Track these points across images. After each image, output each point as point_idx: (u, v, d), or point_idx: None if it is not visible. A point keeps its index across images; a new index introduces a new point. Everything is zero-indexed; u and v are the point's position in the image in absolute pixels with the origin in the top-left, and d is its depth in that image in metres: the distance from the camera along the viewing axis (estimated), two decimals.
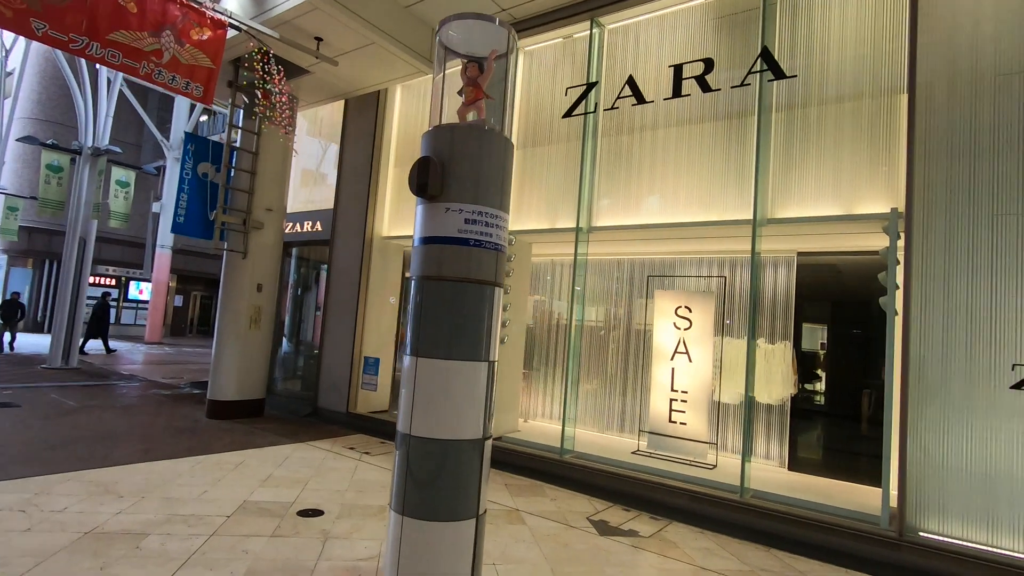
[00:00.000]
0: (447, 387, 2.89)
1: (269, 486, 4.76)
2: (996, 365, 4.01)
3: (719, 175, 5.47)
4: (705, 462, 5.86)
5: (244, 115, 7.53)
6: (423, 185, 2.91)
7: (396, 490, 2.94)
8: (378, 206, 8.11)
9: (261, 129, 7.27)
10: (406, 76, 7.32)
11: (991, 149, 4.16)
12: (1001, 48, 4.20)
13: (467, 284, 2.93)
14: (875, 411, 8.07)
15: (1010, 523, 3.89)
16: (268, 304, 7.81)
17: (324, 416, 8.03)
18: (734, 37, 5.52)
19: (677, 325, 6.29)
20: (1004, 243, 4.07)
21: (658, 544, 4.16)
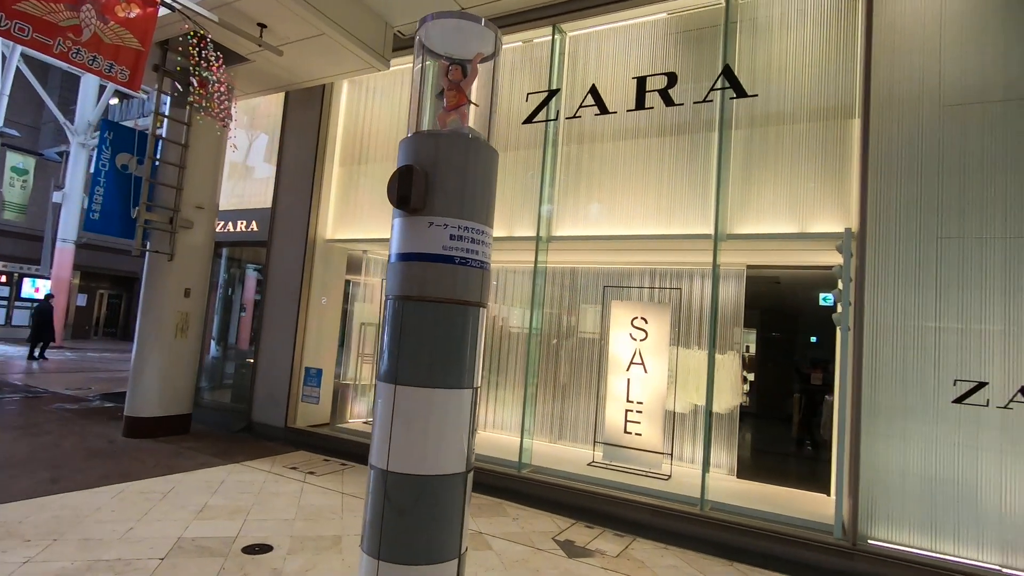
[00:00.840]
0: (431, 418, 2.66)
1: (206, 518, 4.30)
2: (940, 380, 4.24)
3: (680, 189, 5.51)
4: (660, 472, 5.89)
5: (172, 103, 6.86)
6: (405, 197, 2.67)
7: (370, 531, 2.67)
8: (322, 207, 7.63)
9: (192, 120, 6.63)
10: (356, 71, 6.92)
11: (936, 176, 4.40)
12: (946, 81, 4.46)
13: (452, 305, 2.71)
14: (818, 418, 8.48)
15: (953, 529, 4.12)
16: (197, 310, 7.16)
17: (259, 431, 7.46)
18: (696, 53, 5.58)
19: (633, 336, 6.30)
20: (947, 265, 4.31)
21: (627, 564, 4.09)
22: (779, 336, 11.30)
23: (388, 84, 7.48)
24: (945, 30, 4.50)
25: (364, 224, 7.47)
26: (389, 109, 7.43)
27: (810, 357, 9.64)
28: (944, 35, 4.49)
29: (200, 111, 5.98)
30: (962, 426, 4.14)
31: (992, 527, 4.02)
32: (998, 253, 4.17)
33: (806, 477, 6.70)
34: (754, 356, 11.45)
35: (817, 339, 10.89)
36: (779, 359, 10.80)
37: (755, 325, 10.80)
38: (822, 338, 9.98)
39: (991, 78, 4.32)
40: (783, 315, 10.95)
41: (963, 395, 4.16)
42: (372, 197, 7.40)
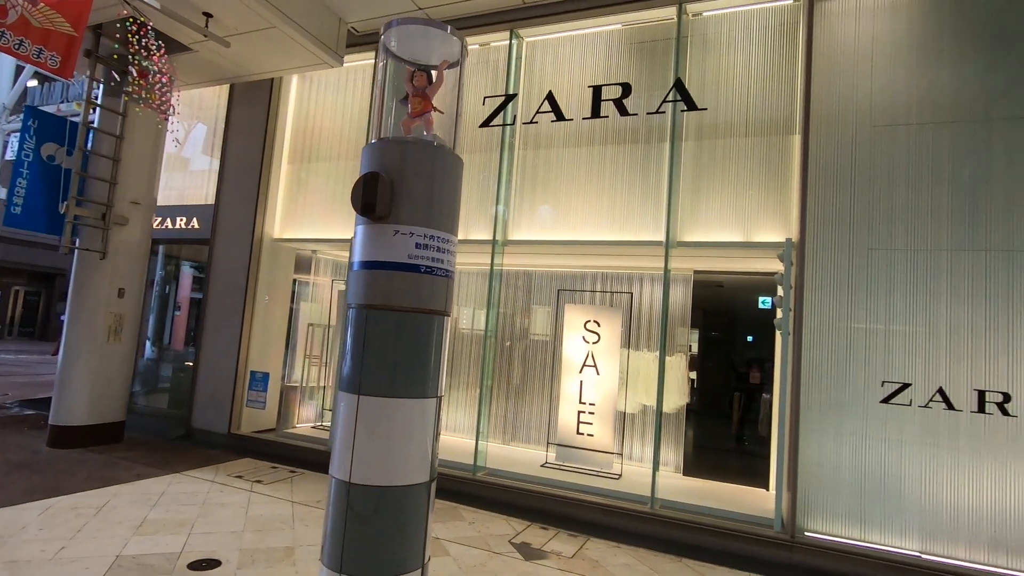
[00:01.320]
0: (395, 428, 2.64)
1: (146, 533, 4.08)
2: (869, 381, 4.57)
3: (633, 196, 5.67)
4: (611, 472, 6.04)
5: (105, 91, 6.44)
6: (370, 204, 2.63)
7: (331, 544, 2.63)
8: (269, 205, 7.37)
9: (129, 110, 6.26)
10: (307, 66, 6.72)
11: (867, 191, 4.73)
12: (875, 103, 4.79)
13: (418, 314, 2.69)
14: (756, 415, 8.91)
15: (880, 520, 4.44)
16: (132, 312, 6.76)
17: (200, 438, 7.14)
18: (649, 65, 5.75)
19: (586, 339, 6.43)
20: (875, 274, 4.64)
21: (582, 565, 4.18)
22: (720, 337, 11.78)
23: (340, 80, 7.31)
24: (875, 56, 4.83)
25: (313, 224, 7.27)
26: (342, 106, 7.26)
27: (748, 357, 10.12)
28: (875, 61, 4.83)
29: (139, 102, 5.65)
30: (889, 424, 4.47)
31: (913, 517, 4.36)
32: (920, 264, 4.52)
33: (747, 473, 7.02)
34: (696, 356, 11.91)
35: (755, 340, 11.42)
36: (720, 359, 11.28)
37: (698, 326, 11.23)
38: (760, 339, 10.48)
39: (914, 101, 4.68)
40: (724, 317, 11.42)
41: (889, 395, 4.49)
42: (323, 196, 7.22)
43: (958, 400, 4.32)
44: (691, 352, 7.62)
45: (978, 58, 4.54)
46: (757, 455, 8.32)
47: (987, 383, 4.26)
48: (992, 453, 4.20)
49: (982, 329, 4.32)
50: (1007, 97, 4.43)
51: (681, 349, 6.72)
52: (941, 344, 4.41)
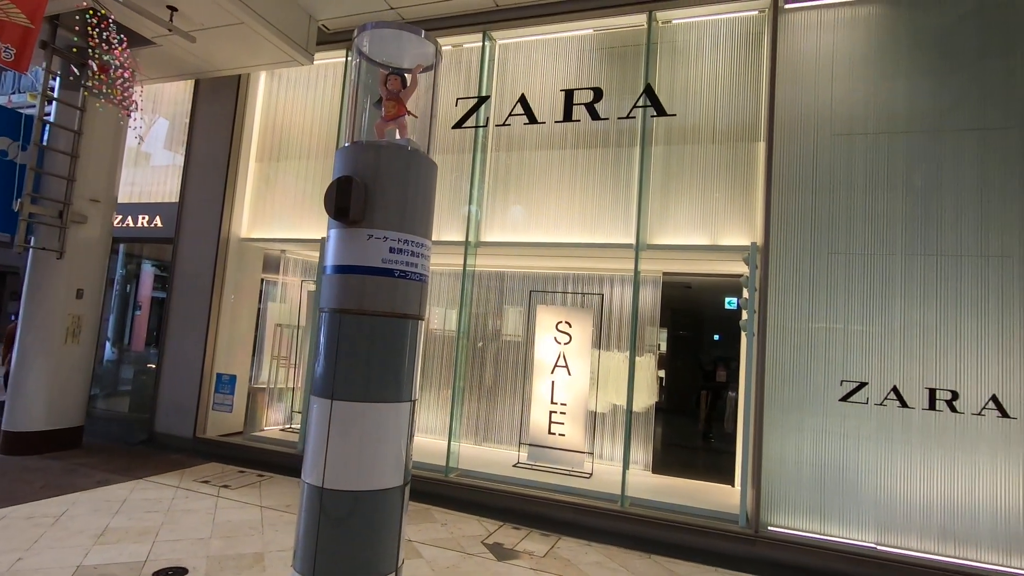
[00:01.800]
0: (369, 433, 2.64)
1: (109, 542, 3.97)
2: (829, 380, 4.75)
3: (604, 199, 5.76)
4: (582, 471, 6.12)
5: (62, 84, 6.21)
6: (343, 208, 2.63)
7: (303, 549, 2.61)
8: (236, 204, 7.22)
9: (88, 105, 6.05)
10: (276, 63, 6.61)
11: (828, 198, 4.91)
12: (835, 112, 4.98)
13: (391, 319, 2.70)
14: (721, 412, 9.13)
15: (838, 514, 4.62)
16: (91, 313, 6.55)
17: (163, 443, 6.95)
18: (620, 70, 5.84)
19: (558, 340, 6.50)
20: (835, 277, 4.83)
21: (554, 564, 4.24)
22: (688, 336, 12.02)
23: (310, 78, 7.21)
24: (836, 67, 5.01)
25: (282, 223, 7.15)
26: (312, 104, 7.16)
27: (715, 356, 10.36)
28: (835, 71, 5.01)
29: (100, 97, 5.46)
30: (847, 421, 4.66)
31: (869, 510, 4.55)
32: (877, 267, 4.72)
33: (714, 470, 7.20)
34: (665, 355, 12.14)
35: (721, 339, 11.67)
36: (688, 358, 11.52)
37: (667, 326, 11.46)
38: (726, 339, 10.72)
39: (872, 111, 4.87)
40: (692, 317, 11.66)
41: (848, 394, 4.68)
42: (292, 195, 7.11)
43: (911, 398, 4.52)
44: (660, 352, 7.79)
45: (930, 72, 4.76)
46: (723, 452, 8.54)
47: (937, 382, 4.48)
48: (942, 448, 4.42)
49: (933, 330, 4.53)
50: (956, 110, 4.65)
51: (651, 349, 6.85)
52: (895, 344, 4.61)
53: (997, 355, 4.37)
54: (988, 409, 4.34)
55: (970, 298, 4.47)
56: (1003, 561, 4.23)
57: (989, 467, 4.31)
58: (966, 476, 4.36)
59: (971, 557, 4.29)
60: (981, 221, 4.52)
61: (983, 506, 4.31)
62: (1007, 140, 4.52)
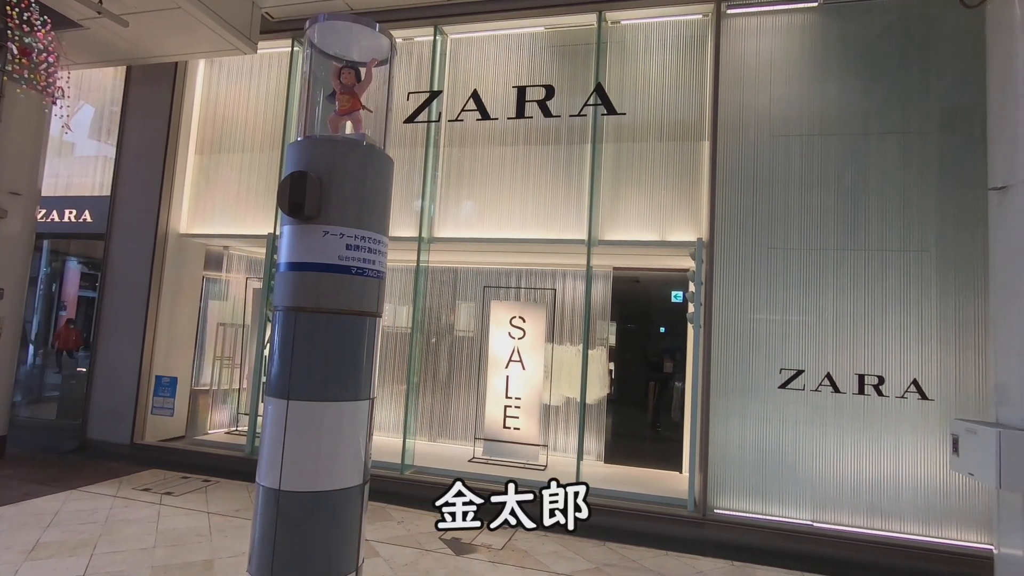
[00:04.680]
0: (326, 432, 2.61)
1: (41, 558, 3.73)
2: (770, 369, 5.01)
3: (558, 195, 5.84)
4: (537, 464, 6.21)
5: None
6: (298, 205, 2.57)
7: (259, 554, 2.56)
8: (175, 198, 6.88)
9: (7, 91, 5.61)
10: (217, 51, 6.32)
11: (766, 196, 5.16)
12: (773, 114, 5.23)
13: (349, 316, 2.66)
14: (668, 402, 9.41)
15: (778, 494, 4.89)
16: (13, 314, 6.10)
17: (98, 450, 6.57)
18: (571, 68, 5.92)
19: (512, 335, 6.56)
20: (773, 270, 5.09)
21: (512, 555, 4.30)
22: (636, 329, 12.33)
23: (253, 68, 6.95)
24: (774, 71, 5.27)
25: (225, 218, 6.88)
26: (256, 95, 6.91)
27: (661, 348, 10.68)
28: (773, 75, 5.27)
29: (21, 83, 5.07)
30: (786, 407, 4.93)
31: (806, 489, 4.84)
32: (811, 261, 5.01)
33: (662, 458, 7.44)
34: (615, 348, 12.42)
35: (667, 331, 12.05)
36: (636, 351, 11.82)
37: (616, 319, 11.71)
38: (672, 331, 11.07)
39: (806, 114, 5.16)
40: (640, 310, 11.97)
41: (786, 381, 4.95)
42: (235, 189, 6.85)
43: (843, 383, 4.84)
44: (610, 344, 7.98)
45: (858, 79, 5.08)
46: (671, 440, 8.84)
47: (866, 368, 4.81)
48: (870, 430, 4.75)
49: (862, 319, 4.86)
50: (881, 115, 4.99)
51: (602, 342, 7.01)
52: (829, 334, 4.92)
53: (918, 342, 4.74)
54: (910, 392, 4.70)
55: (894, 289, 4.82)
56: (924, 531, 4.60)
57: (911, 446, 4.67)
58: (891, 455, 4.71)
59: (896, 529, 4.64)
60: (903, 218, 4.87)
61: (906, 482, 4.67)
62: (925, 143, 4.88)
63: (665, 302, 10.05)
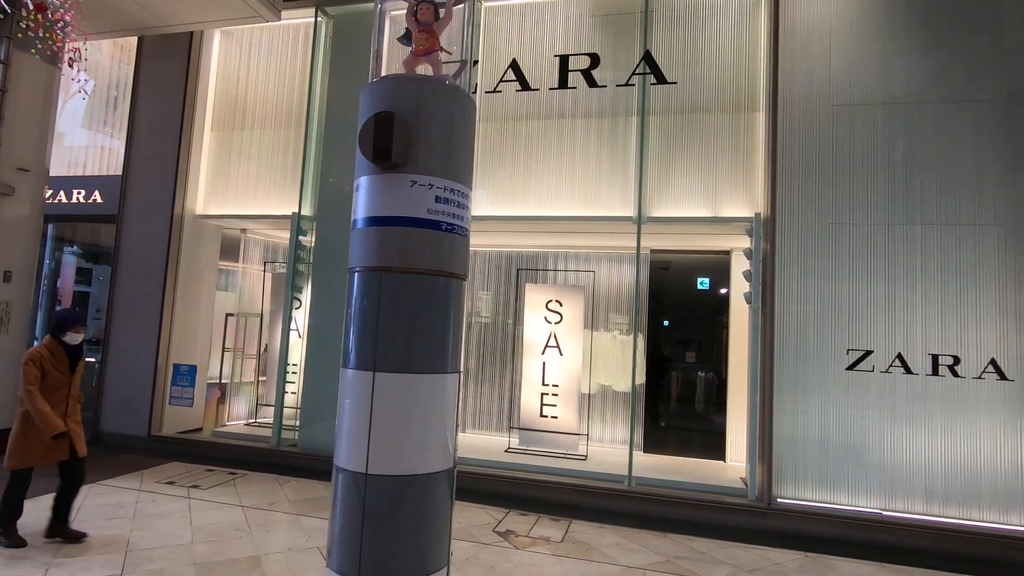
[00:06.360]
0: (416, 408, 2.30)
1: (72, 555, 3.40)
2: (835, 350, 4.74)
3: (602, 170, 5.54)
4: (577, 453, 5.93)
5: None
6: (384, 149, 2.25)
7: (343, 547, 2.25)
8: (191, 177, 6.52)
9: (12, 58, 5.24)
10: (236, 19, 5.97)
11: (830, 168, 4.88)
12: (836, 83, 4.95)
13: (437, 278, 2.35)
14: (711, 393, 9.13)
15: (846, 482, 4.63)
16: (22, 299, 5.73)
17: (112, 443, 6.21)
18: (614, 37, 5.61)
19: (548, 319, 6.26)
20: (838, 246, 4.82)
21: (574, 548, 4.01)
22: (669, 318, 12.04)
23: (274, 40, 6.58)
24: (835, 38, 4.98)
25: (244, 199, 6.52)
26: (277, 69, 6.54)
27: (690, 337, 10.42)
28: (834, 42, 4.98)
29: (36, 43, 4.70)
30: (853, 390, 4.67)
31: (875, 476, 4.58)
32: (878, 237, 4.74)
33: (702, 446, 7.18)
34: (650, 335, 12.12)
35: (693, 321, 11.80)
36: (663, 339, 11.55)
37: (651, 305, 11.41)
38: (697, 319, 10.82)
39: (870, 83, 4.88)
40: (667, 298, 11.71)
41: (854, 363, 4.69)
42: (257, 168, 6.49)
43: (915, 364, 4.58)
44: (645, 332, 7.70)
45: (925, 44, 4.80)
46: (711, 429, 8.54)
47: (939, 348, 4.55)
48: (945, 413, 4.49)
49: (935, 297, 4.59)
50: (950, 82, 4.69)
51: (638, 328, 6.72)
52: (899, 312, 4.65)
53: (995, 320, 4.48)
54: (988, 373, 4.45)
55: (968, 265, 4.56)
56: (1003, 519, 4.35)
57: (989, 429, 4.42)
58: (967, 439, 4.46)
59: (973, 517, 4.39)
60: (977, 190, 4.61)
61: (983, 467, 4.41)
62: (998, 111, 4.62)
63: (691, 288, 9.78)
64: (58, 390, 3.57)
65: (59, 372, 3.57)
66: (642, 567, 3.75)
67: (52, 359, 3.55)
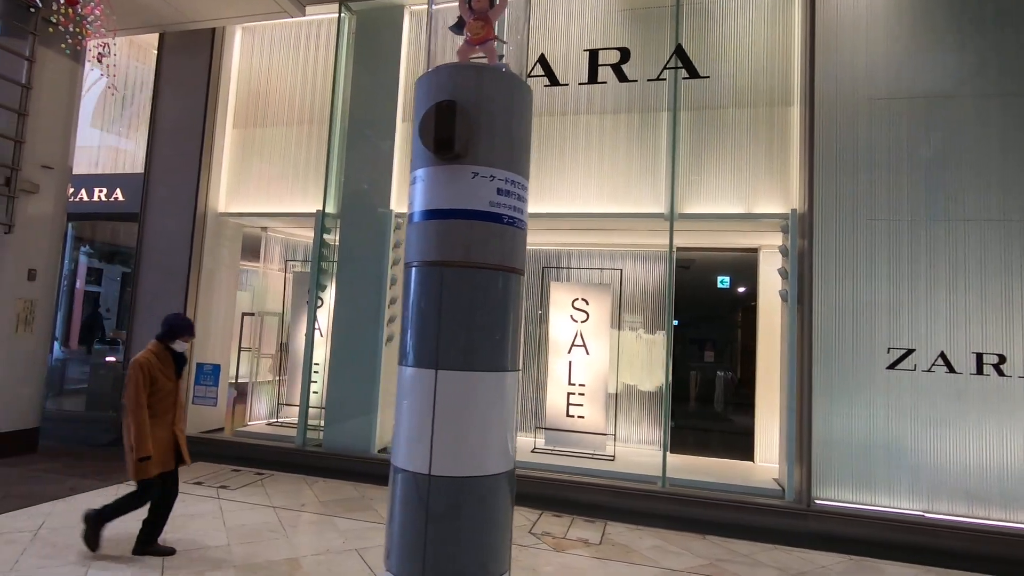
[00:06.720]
0: (477, 407, 2.22)
1: (107, 557, 3.34)
2: (876, 349, 4.64)
3: (632, 167, 5.45)
4: (605, 454, 5.85)
5: (5, 29, 5.31)
6: (446, 140, 2.18)
7: (405, 549, 2.18)
8: (213, 174, 6.47)
9: (38, 56, 5.20)
10: (260, 14, 5.91)
11: (868, 163, 4.78)
12: (875, 76, 4.84)
13: (498, 273, 2.28)
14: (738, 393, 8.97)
15: (887, 483, 4.53)
16: (46, 297, 5.70)
17: None
18: (643, 32, 5.52)
19: (574, 318, 6.18)
20: (877, 243, 4.71)
21: (615, 551, 3.94)
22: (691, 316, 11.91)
23: (297, 36, 6.52)
24: (874, 31, 4.88)
25: (267, 197, 6.46)
26: (299, 66, 6.48)
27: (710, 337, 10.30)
28: (872, 35, 4.87)
29: (67, 37, 4.65)
30: (894, 389, 4.56)
31: (917, 478, 4.48)
32: (920, 233, 4.63)
33: (727, 447, 7.07)
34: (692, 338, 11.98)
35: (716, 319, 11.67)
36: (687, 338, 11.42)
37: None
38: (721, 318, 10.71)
39: (908, 76, 4.77)
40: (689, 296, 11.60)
41: (895, 361, 4.59)
42: (281, 166, 6.42)
43: (959, 363, 4.47)
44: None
45: (970, 36, 4.69)
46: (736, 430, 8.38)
47: (984, 346, 4.44)
48: (990, 413, 4.39)
49: (978, 294, 4.49)
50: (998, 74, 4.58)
51: (664, 327, 6.63)
52: (941, 310, 4.54)
53: None
54: None
55: (1015, 262, 4.45)
56: None
57: None
58: (1014, 439, 4.35)
59: (1020, 520, 4.28)
60: (1019, 187, 4.49)
61: None
62: None
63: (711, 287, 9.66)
64: (167, 396, 3.43)
65: (167, 379, 3.43)
66: (686, 570, 3.67)
67: (160, 365, 3.42)
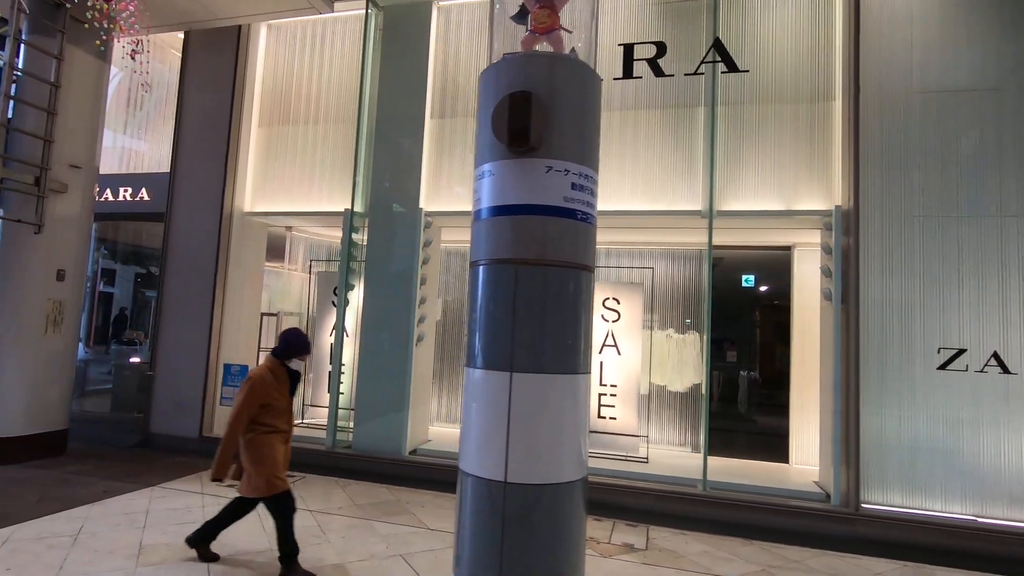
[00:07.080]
0: (552, 412, 2.13)
1: (152, 562, 3.28)
2: (926, 349, 4.51)
3: (666, 163, 5.34)
4: (638, 456, 5.74)
5: (32, 28, 5.25)
6: (522, 131, 2.09)
7: (480, 555, 2.08)
8: (239, 174, 6.41)
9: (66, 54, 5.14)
10: (288, 10, 5.84)
11: (917, 158, 4.65)
12: (918, 68, 4.71)
13: (573, 271, 2.19)
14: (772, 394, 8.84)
15: (938, 487, 4.40)
16: (74, 298, 5.66)
17: (163, 444, 6.11)
18: (681, 25, 5.41)
19: (605, 317, 6.07)
20: (926, 240, 4.58)
21: (662, 556, 3.83)
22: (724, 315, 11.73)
23: (323, 34, 6.44)
24: (920, 22, 4.75)
25: (292, 197, 6.39)
26: (326, 64, 6.40)
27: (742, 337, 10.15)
28: (919, 27, 4.74)
29: (102, 34, 4.59)
30: (945, 390, 4.43)
31: (969, 482, 4.35)
32: (969, 230, 4.50)
33: (761, 449, 6.95)
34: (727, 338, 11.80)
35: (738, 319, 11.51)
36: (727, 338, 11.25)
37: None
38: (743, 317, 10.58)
39: (954, 69, 4.64)
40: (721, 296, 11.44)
41: (946, 362, 4.46)
42: (309, 164, 6.35)
43: (1013, 363, 4.34)
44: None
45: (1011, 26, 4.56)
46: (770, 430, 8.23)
47: None
48: None
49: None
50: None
51: (697, 327, 6.52)
52: (993, 309, 4.41)
53: None
54: None
55: None
56: None
57: None
58: None
59: None
60: None
61: None
62: None
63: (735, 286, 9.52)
64: (282, 414, 3.30)
65: (282, 397, 3.29)
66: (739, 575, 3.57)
67: (276, 383, 3.26)
